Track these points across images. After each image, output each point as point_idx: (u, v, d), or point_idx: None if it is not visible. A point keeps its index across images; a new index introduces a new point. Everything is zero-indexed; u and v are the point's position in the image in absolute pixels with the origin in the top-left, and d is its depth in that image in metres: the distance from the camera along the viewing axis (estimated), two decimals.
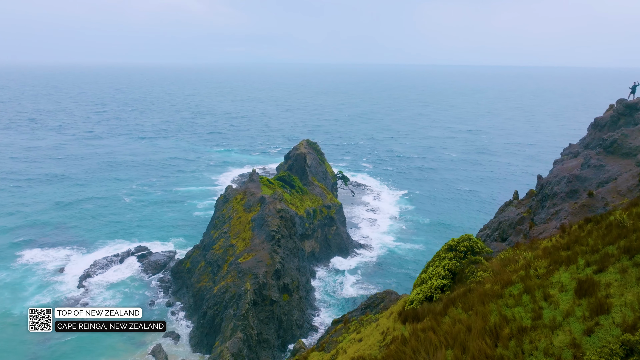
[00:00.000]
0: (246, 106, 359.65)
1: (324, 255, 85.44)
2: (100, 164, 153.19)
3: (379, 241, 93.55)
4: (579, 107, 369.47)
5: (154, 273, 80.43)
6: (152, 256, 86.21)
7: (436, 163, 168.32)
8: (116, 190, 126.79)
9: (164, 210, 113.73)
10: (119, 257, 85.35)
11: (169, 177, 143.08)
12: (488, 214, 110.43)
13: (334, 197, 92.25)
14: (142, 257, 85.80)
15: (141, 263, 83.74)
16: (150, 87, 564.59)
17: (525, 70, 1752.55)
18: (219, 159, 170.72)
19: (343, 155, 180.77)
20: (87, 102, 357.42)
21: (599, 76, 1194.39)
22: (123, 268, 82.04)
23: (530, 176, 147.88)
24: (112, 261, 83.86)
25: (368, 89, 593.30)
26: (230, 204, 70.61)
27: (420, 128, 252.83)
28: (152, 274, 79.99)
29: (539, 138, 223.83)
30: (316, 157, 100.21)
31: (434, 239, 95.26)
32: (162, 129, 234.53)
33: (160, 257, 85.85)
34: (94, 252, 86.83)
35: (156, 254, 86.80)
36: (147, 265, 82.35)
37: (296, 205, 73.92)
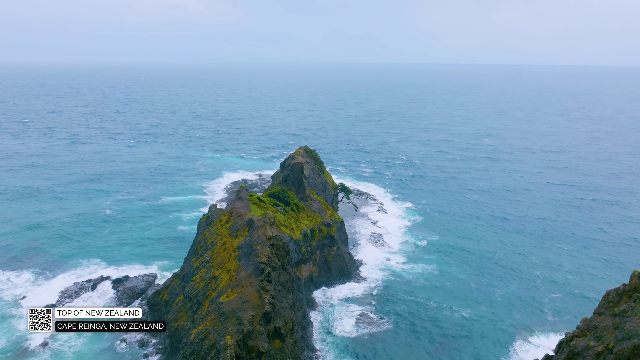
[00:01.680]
0: (243, 106, 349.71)
1: (324, 280, 75.54)
2: (83, 172, 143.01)
3: (384, 262, 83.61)
4: (585, 107, 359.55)
5: (129, 302, 70.45)
6: (128, 281, 76.25)
7: (441, 169, 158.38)
8: (98, 202, 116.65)
9: (147, 224, 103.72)
10: (91, 282, 75.34)
11: (156, 186, 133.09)
12: (503, 232, 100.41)
13: (334, 212, 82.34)
14: (118, 282, 75.83)
15: (116, 290, 73.78)
16: (147, 87, 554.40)
17: (526, 69, 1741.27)
18: (211, 164, 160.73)
19: (342, 159, 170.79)
20: (81, 103, 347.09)
21: (600, 75, 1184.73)
22: (95, 297, 72.08)
23: (548, 188, 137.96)
24: (83, 287, 73.88)
25: (368, 89, 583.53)
26: (214, 227, 60.61)
27: (423, 130, 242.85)
28: (126, 304, 70.04)
29: (550, 142, 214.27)
30: (314, 167, 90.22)
31: (447, 260, 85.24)
32: (154, 131, 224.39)
33: (137, 283, 75.87)
34: (63, 277, 76.81)
35: (134, 279, 76.82)
36: (122, 293, 72.38)
37: (291, 227, 63.96)
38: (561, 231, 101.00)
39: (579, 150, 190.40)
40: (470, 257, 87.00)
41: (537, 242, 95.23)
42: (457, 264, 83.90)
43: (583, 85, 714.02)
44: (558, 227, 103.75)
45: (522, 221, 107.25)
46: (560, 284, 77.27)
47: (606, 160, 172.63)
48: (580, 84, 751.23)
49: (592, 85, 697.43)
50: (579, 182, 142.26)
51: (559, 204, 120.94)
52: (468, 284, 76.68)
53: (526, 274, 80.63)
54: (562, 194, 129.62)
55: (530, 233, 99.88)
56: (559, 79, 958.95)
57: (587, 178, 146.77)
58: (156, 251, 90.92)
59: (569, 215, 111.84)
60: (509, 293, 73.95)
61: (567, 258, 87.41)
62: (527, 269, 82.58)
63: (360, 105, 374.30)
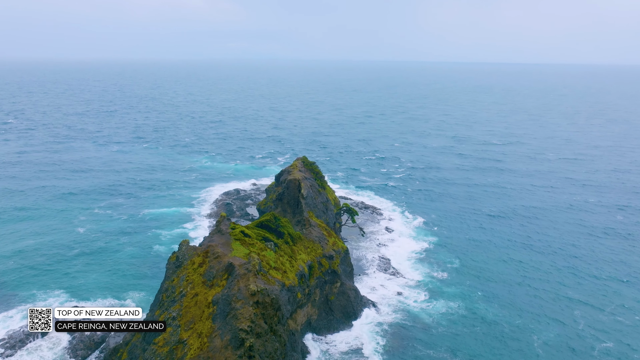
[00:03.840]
0: (240, 106, 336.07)
1: (324, 324, 62.38)
2: (58, 180, 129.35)
3: (397, 297, 70.52)
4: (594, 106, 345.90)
5: (84, 356, 57.28)
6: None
7: (450, 177, 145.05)
8: (71, 216, 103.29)
9: (122, 243, 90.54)
10: None
11: (139, 195, 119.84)
12: (528, 256, 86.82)
13: (337, 238, 69.14)
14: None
15: (71, 336, 60.57)
16: (143, 85, 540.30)
17: (528, 68, 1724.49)
18: (202, 170, 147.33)
19: (344, 165, 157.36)
20: (73, 101, 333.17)
21: (602, 73, 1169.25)
22: (44, 347, 58.88)
23: (572, 200, 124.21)
24: (31, 333, 60.70)
25: (371, 87, 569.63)
26: (184, 271, 47.38)
27: (428, 132, 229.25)
28: (81, 358, 56.85)
29: (566, 148, 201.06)
30: (314, 184, 76.93)
31: (472, 294, 72.07)
32: (142, 132, 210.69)
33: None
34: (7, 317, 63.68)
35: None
36: (77, 342, 59.20)
37: (284, 269, 50.73)
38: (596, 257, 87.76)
39: (602, 159, 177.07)
40: (497, 288, 73.88)
41: (570, 269, 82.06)
42: (484, 298, 70.82)
43: (587, 84, 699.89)
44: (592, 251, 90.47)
45: (547, 243, 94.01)
46: (608, 329, 64.21)
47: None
48: (584, 82, 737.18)
49: (596, 84, 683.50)
50: (608, 198, 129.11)
51: (588, 223, 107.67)
52: (501, 327, 63.60)
53: (565, 314, 67.57)
54: (590, 213, 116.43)
55: (559, 258, 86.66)
56: (562, 77, 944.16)
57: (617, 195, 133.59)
58: (128, 279, 77.84)
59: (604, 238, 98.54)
60: (550, 341, 60.88)
61: (609, 293, 74.31)
62: (565, 307, 69.50)
63: (363, 105, 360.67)
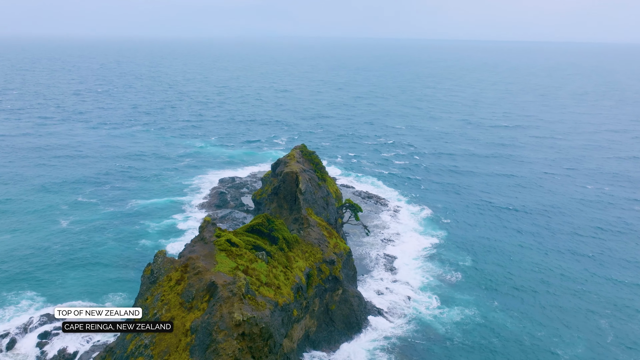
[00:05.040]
0: (237, 86, 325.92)
1: (324, 337, 55.77)
2: (41, 166, 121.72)
3: (406, 303, 63.85)
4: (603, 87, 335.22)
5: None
6: (63, 334, 56.54)
7: (457, 162, 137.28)
8: (53, 207, 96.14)
9: (106, 237, 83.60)
10: (8, 336, 55.62)
11: (128, 183, 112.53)
12: (546, 255, 79.68)
13: (339, 238, 61.99)
14: (45, 336, 56.14)
15: (41, 350, 54.09)
16: (140, 63, 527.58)
17: (535, 46, 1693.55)
18: (195, 154, 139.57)
19: (345, 150, 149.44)
20: (66, 80, 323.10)
21: (611, 52, 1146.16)
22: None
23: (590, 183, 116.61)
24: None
25: (373, 66, 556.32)
26: (159, 289, 40.30)
27: (432, 114, 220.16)
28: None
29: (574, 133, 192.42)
30: (314, 176, 69.38)
31: (488, 300, 65.24)
32: (135, 114, 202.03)
33: (75, 336, 56.18)
34: None
35: None
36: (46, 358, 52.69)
37: (277, 284, 43.62)
38: (620, 257, 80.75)
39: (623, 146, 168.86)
40: (516, 294, 67.08)
41: (592, 271, 75.19)
42: (502, 305, 64.05)
43: (595, 62, 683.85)
44: (616, 251, 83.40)
45: (563, 240, 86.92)
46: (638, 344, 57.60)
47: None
48: (592, 61, 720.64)
49: (604, 63, 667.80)
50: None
51: (609, 219, 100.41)
52: (521, 339, 57.01)
53: (590, 325, 60.89)
54: (612, 207, 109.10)
55: (580, 259, 79.67)
56: (569, 56, 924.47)
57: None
58: (109, 278, 71.15)
59: (629, 234, 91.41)
60: (578, 357, 54.33)
61: (638, 299, 67.58)
62: (590, 315, 62.80)
63: (366, 84, 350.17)
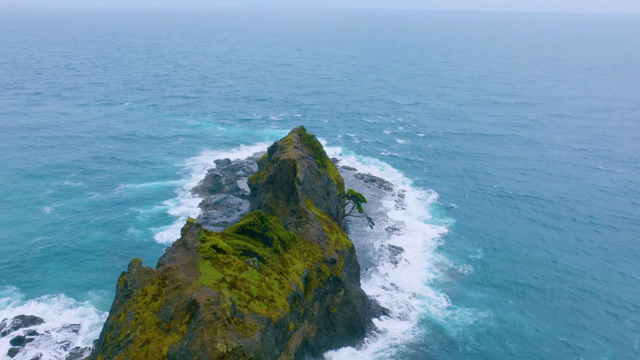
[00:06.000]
0: (236, 59, 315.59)
1: (324, 342, 50.78)
2: (24, 149, 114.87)
3: (413, 302, 58.71)
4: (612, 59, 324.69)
5: None
6: (38, 338, 51.62)
7: (463, 141, 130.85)
8: (37, 191, 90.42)
9: (92, 225, 78.09)
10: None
11: (117, 165, 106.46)
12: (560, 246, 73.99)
13: (341, 233, 56.31)
14: (18, 342, 51.12)
15: (12, 358, 49.11)
16: (137, 35, 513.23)
17: (539, 17, 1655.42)
18: (189, 133, 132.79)
19: (345, 128, 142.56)
20: (59, 52, 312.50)
21: (619, 23, 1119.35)
22: None
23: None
24: None
25: (376, 38, 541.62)
26: (133, 305, 34.77)
27: (436, 89, 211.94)
28: None
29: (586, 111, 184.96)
30: (313, 163, 63.28)
31: (502, 298, 59.96)
32: (128, 89, 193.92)
33: (50, 342, 51.29)
34: None
35: (46, 336, 52.04)
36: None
37: (270, 295, 38.00)
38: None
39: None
40: (531, 292, 61.76)
41: (612, 264, 69.90)
42: (518, 305, 58.80)
43: (603, 34, 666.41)
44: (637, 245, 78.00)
45: (585, 228, 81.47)
46: None
47: None
48: (600, 33, 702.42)
49: (613, 35, 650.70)
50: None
51: (631, 209, 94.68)
52: (540, 345, 52.00)
53: (615, 327, 55.79)
54: (633, 196, 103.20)
55: (599, 249, 74.32)
56: (575, 27, 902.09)
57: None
58: (92, 272, 65.92)
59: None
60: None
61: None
62: (614, 318, 57.63)
63: (368, 57, 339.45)
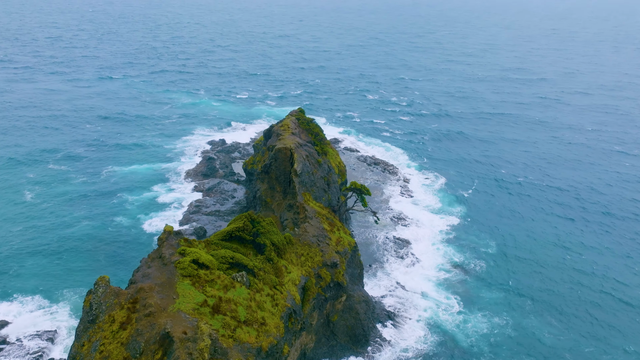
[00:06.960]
0: (234, 31, 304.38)
1: (324, 353, 46.10)
2: (4, 129, 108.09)
3: (422, 304, 53.82)
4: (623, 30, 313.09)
5: None
6: (8, 348, 46.92)
7: (471, 118, 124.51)
8: (18, 174, 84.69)
9: (76, 213, 72.79)
10: None
11: (105, 146, 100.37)
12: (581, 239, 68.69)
13: (343, 230, 50.90)
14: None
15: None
16: (131, 4, 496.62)
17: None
18: (182, 111, 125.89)
19: (346, 105, 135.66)
20: (48, 23, 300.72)
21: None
22: None
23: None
24: None
25: (378, 8, 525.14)
26: (99, 333, 29.51)
27: (440, 63, 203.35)
28: None
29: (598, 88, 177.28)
30: (312, 151, 57.33)
31: (519, 302, 54.90)
32: (118, 61, 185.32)
33: (22, 352, 46.60)
34: None
35: (17, 345, 47.29)
36: None
37: (261, 317, 32.73)
38: None
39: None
40: (550, 295, 56.58)
41: (636, 263, 64.87)
42: (536, 309, 53.85)
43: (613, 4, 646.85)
44: None
45: (602, 218, 76.17)
46: None
47: None
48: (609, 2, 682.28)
49: (624, 5, 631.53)
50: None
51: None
52: (563, 357, 47.19)
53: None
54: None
55: (621, 245, 69.16)
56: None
57: None
58: (74, 267, 60.93)
59: None
60: None
61: None
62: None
63: (367, 29, 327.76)
